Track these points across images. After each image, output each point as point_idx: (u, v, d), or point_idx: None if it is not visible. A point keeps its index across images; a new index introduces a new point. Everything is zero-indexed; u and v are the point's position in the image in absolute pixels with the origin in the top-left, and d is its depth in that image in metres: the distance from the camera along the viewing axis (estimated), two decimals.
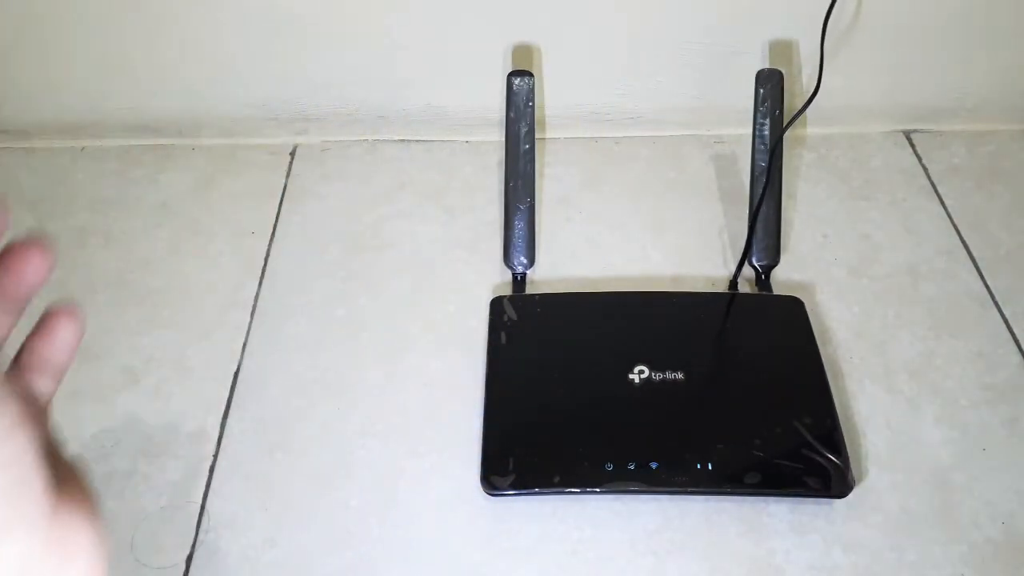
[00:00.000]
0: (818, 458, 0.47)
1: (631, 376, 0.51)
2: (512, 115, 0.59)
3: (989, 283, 0.60)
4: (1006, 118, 0.71)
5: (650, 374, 0.51)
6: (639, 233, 0.63)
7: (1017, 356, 0.55)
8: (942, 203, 0.66)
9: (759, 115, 0.58)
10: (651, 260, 0.62)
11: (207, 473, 0.50)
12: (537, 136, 0.59)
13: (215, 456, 0.51)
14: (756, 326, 0.55)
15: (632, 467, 0.47)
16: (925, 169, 0.69)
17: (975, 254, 0.62)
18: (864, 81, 0.68)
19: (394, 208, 0.66)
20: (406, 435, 0.51)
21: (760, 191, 0.57)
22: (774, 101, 0.58)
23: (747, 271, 0.58)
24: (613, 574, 0.46)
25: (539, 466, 0.47)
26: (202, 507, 0.48)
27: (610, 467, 0.47)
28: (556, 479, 0.47)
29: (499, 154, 0.68)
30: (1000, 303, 0.58)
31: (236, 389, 0.54)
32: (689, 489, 0.47)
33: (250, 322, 0.58)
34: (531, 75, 0.58)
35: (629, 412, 0.50)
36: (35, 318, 0.25)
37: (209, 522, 0.48)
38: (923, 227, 0.64)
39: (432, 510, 0.47)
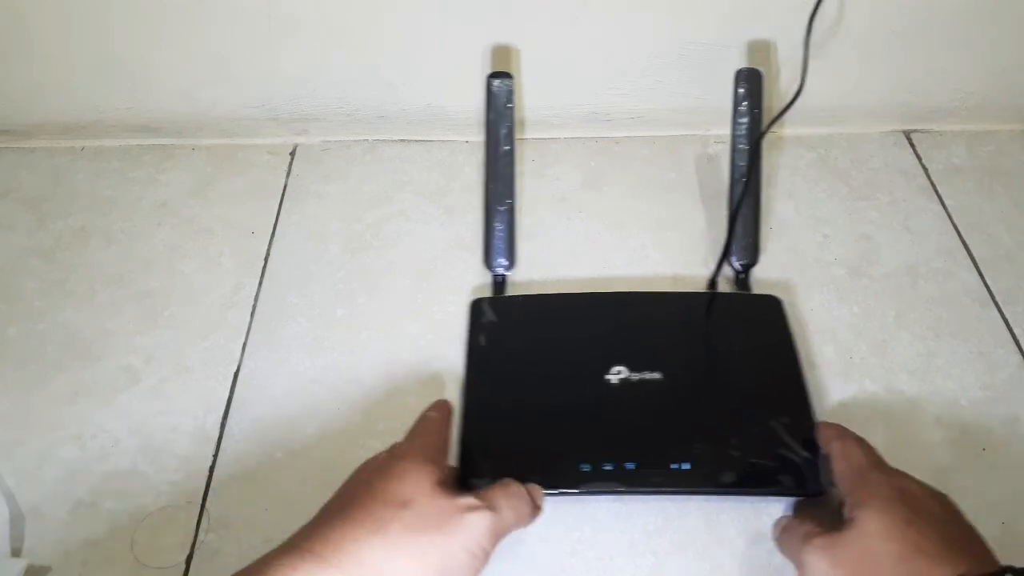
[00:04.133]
0: (793, 456, 0.47)
1: (608, 377, 0.51)
2: (492, 117, 0.58)
3: (989, 283, 0.60)
4: (1006, 118, 0.71)
5: (628, 375, 0.51)
6: (639, 233, 0.63)
7: (1017, 356, 0.55)
8: (942, 203, 0.66)
9: (738, 115, 0.58)
10: (651, 260, 0.62)
11: (207, 473, 0.50)
12: (537, 136, 0.59)
13: (215, 456, 0.51)
14: (733, 325, 0.55)
15: (609, 468, 0.47)
16: (925, 169, 0.69)
17: (975, 254, 0.62)
18: (864, 81, 0.68)
19: (394, 208, 0.66)
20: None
21: (740, 192, 0.57)
22: (753, 100, 0.58)
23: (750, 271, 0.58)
24: (613, 574, 0.46)
25: (516, 468, 0.47)
26: (202, 507, 0.48)
27: (587, 468, 0.47)
28: (534, 480, 0.47)
29: None
30: (1000, 303, 0.58)
31: (236, 389, 0.54)
32: (664, 489, 0.47)
33: (250, 322, 0.58)
34: (510, 76, 0.58)
35: (606, 413, 0.50)
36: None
37: (209, 522, 0.48)
38: (923, 227, 0.64)
39: None
